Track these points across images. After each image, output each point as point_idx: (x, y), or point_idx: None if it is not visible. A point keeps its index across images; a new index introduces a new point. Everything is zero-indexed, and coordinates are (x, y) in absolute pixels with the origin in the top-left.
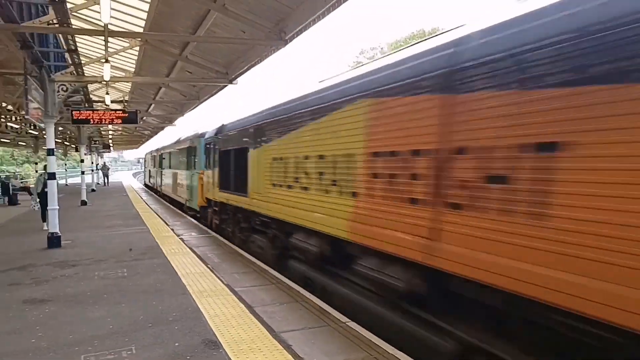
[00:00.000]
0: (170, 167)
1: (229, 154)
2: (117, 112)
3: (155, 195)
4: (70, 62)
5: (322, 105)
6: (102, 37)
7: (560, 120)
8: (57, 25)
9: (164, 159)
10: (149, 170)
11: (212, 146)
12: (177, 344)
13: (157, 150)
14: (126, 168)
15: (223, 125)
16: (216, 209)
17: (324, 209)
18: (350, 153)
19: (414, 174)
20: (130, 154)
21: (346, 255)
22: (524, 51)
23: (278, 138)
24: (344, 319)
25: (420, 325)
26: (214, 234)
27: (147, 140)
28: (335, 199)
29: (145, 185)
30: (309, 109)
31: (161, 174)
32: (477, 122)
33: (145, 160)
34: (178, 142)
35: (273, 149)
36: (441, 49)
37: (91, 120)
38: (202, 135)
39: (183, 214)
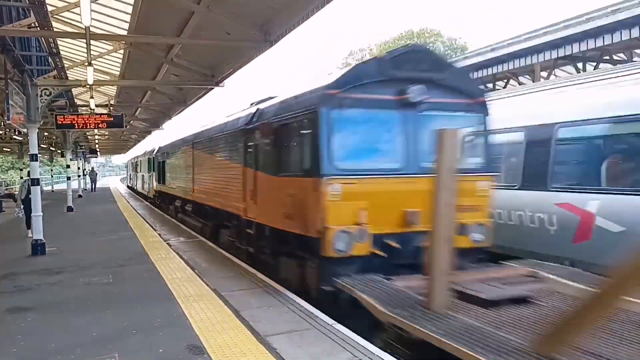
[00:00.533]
0: (139, 171)
1: (160, 163)
2: (103, 116)
3: (139, 197)
4: (53, 65)
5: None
6: (84, 40)
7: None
8: (37, 29)
9: (137, 165)
10: (129, 174)
11: (154, 158)
12: (161, 350)
13: (133, 159)
14: (114, 173)
15: (159, 147)
16: (157, 195)
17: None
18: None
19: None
20: (119, 159)
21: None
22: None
23: (174, 155)
24: (330, 321)
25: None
26: (201, 238)
27: (135, 144)
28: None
29: (128, 187)
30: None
31: (135, 177)
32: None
33: (127, 166)
34: (144, 154)
35: (173, 160)
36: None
37: (76, 125)
38: (152, 151)
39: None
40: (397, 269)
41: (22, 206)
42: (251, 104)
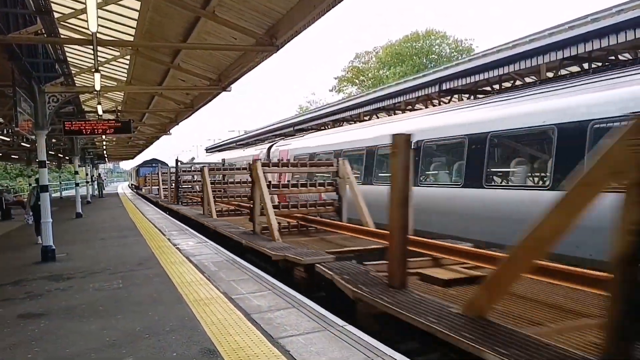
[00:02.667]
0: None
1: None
2: (110, 122)
3: (142, 199)
4: (60, 72)
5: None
6: (91, 47)
7: None
8: (45, 36)
9: (135, 170)
10: (130, 177)
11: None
12: (174, 354)
13: (131, 168)
14: (122, 179)
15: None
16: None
17: None
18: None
19: None
20: (127, 165)
21: None
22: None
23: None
24: (341, 322)
25: None
26: (210, 242)
27: (143, 150)
28: None
29: (129, 186)
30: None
31: (131, 178)
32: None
33: (130, 173)
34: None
35: None
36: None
37: (83, 131)
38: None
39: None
40: None
41: (31, 213)
42: None
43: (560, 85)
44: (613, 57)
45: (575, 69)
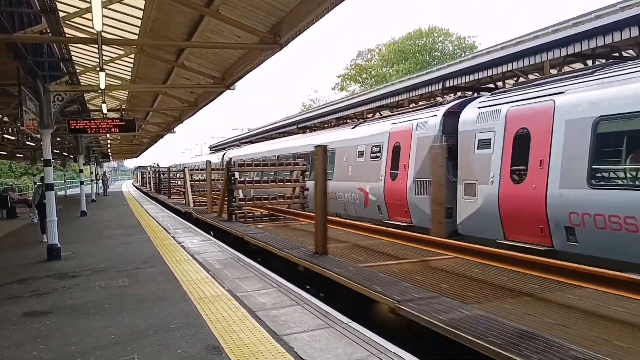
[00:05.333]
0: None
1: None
2: (115, 120)
3: (147, 196)
4: (65, 71)
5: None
6: (96, 46)
7: None
8: (50, 35)
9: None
10: (136, 177)
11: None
12: (179, 351)
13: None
14: (127, 177)
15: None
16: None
17: None
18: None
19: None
20: (131, 163)
21: None
22: None
23: None
24: (345, 319)
25: None
26: (214, 240)
27: (147, 148)
28: None
29: (133, 184)
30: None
31: (135, 178)
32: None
33: (134, 173)
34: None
35: None
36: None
37: (88, 129)
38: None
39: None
40: None
41: (36, 211)
42: None
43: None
44: (617, 54)
45: (579, 65)
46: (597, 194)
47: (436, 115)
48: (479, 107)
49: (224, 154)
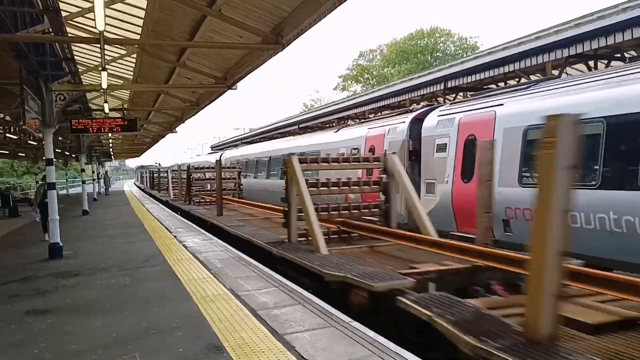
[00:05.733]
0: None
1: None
2: (117, 120)
3: (149, 195)
4: (67, 70)
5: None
6: (98, 45)
7: None
8: (52, 34)
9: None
10: (137, 176)
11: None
12: (180, 350)
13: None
14: (128, 176)
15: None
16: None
17: None
18: None
19: None
20: (133, 162)
21: None
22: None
23: None
24: (347, 319)
25: None
26: (216, 239)
27: (149, 147)
28: None
29: (134, 183)
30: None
31: (137, 178)
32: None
33: (135, 173)
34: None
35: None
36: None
37: (90, 129)
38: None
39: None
40: None
41: (38, 210)
42: None
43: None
44: (619, 55)
45: (581, 66)
46: (525, 192)
47: (404, 122)
48: (438, 116)
49: (222, 154)
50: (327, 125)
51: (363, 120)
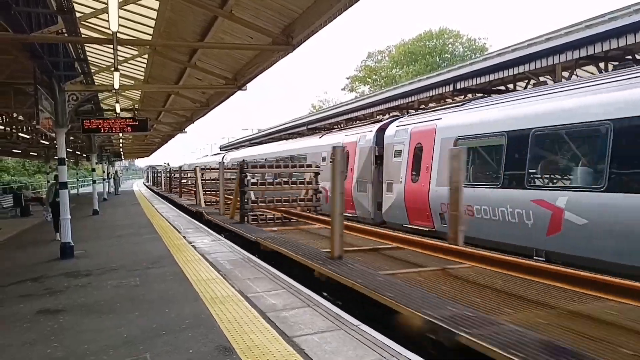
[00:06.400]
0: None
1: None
2: (128, 120)
3: (158, 196)
4: (80, 71)
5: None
6: (111, 46)
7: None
8: (66, 35)
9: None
10: (146, 176)
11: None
12: (190, 351)
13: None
14: (137, 176)
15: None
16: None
17: None
18: None
19: None
20: (142, 162)
21: None
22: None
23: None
24: (356, 322)
25: None
26: (225, 240)
27: (158, 148)
28: None
29: (144, 183)
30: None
31: (146, 177)
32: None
33: (145, 172)
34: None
35: None
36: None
37: (102, 129)
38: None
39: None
40: None
41: (50, 209)
42: None
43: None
44: (630, 57)
45: (591, 68)
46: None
47: (372, 131)
48: (397, 126)
49: (224, 155)
50: (334, 127)
51: (343, 128)
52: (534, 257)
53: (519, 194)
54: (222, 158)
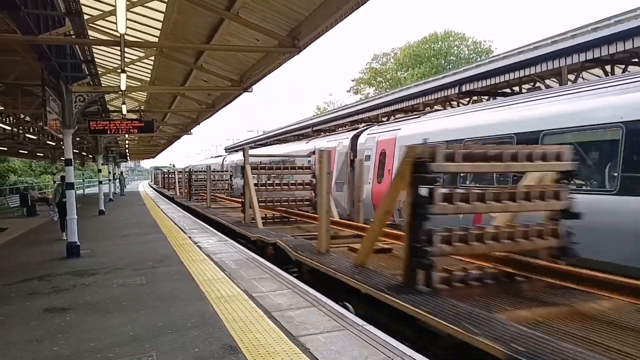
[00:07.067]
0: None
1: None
2: (134, 121)
3: (162, 196)
4: (87, 72)
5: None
6: (118, 48)
7: None
8: (74, 37)
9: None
10: (152, 177)
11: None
12: (196, 350)
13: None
14: (143, 177)
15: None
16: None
17: None
18: None
19: None
20: (148, 163)
21: None
22: None
23: None
24: (360, 322)
25: None
26: (230, 240)
27: (164, 149)
28: None
29: (149, 184)
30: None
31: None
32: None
33: (151, 173)
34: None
35: None
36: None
37: (108, 130)
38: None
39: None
40: None
41: (56, 209)
42: None
43: None
44: (636, 60)
45: (597, 71)
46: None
47: (348, 138)
48: (367, 134)
49: (224, 158)
50: (338, 129)
51: (326, 135)
52: None
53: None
54: (223, 161)
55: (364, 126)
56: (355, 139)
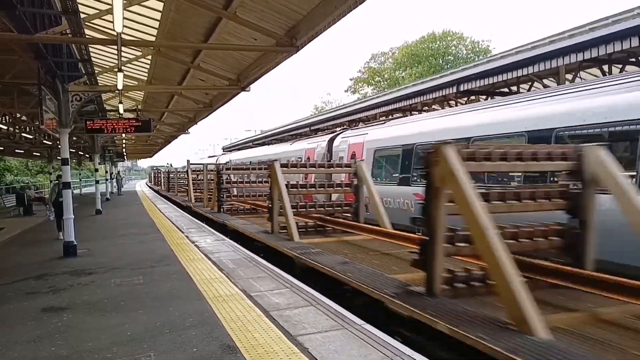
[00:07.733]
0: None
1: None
2: (131, 121)
3: (159, 195)
4: (83, 71)
5: None
6: (115, 47)
7: None
8: (70, 36)
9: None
10: (149, 176)
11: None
12: (195, 349)
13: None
14: (140, 177)
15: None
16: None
17: None
18: None
19: None
20: (145, 163)
21: None
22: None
23: None
24: (359, 321)
25: None
26: (228, 240)
27: (161, 148)
28: None
29: (146, 184)
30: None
31: (149, 178)
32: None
33: (148, 173)
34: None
35: None
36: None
37: (105, 129)
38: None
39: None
40: None
41: (52, 209)
42: None
43: None
44: (634, 59)
45: (595, 71)
46: (376, 187)
47: (325, 141)
48: (341, 137)
49: (217, 159)
50: (337, 128)
51: (307, 137)
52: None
53: (406, 190)
54: (217, 160)
55: (339, 130)
56: (331, 141)
